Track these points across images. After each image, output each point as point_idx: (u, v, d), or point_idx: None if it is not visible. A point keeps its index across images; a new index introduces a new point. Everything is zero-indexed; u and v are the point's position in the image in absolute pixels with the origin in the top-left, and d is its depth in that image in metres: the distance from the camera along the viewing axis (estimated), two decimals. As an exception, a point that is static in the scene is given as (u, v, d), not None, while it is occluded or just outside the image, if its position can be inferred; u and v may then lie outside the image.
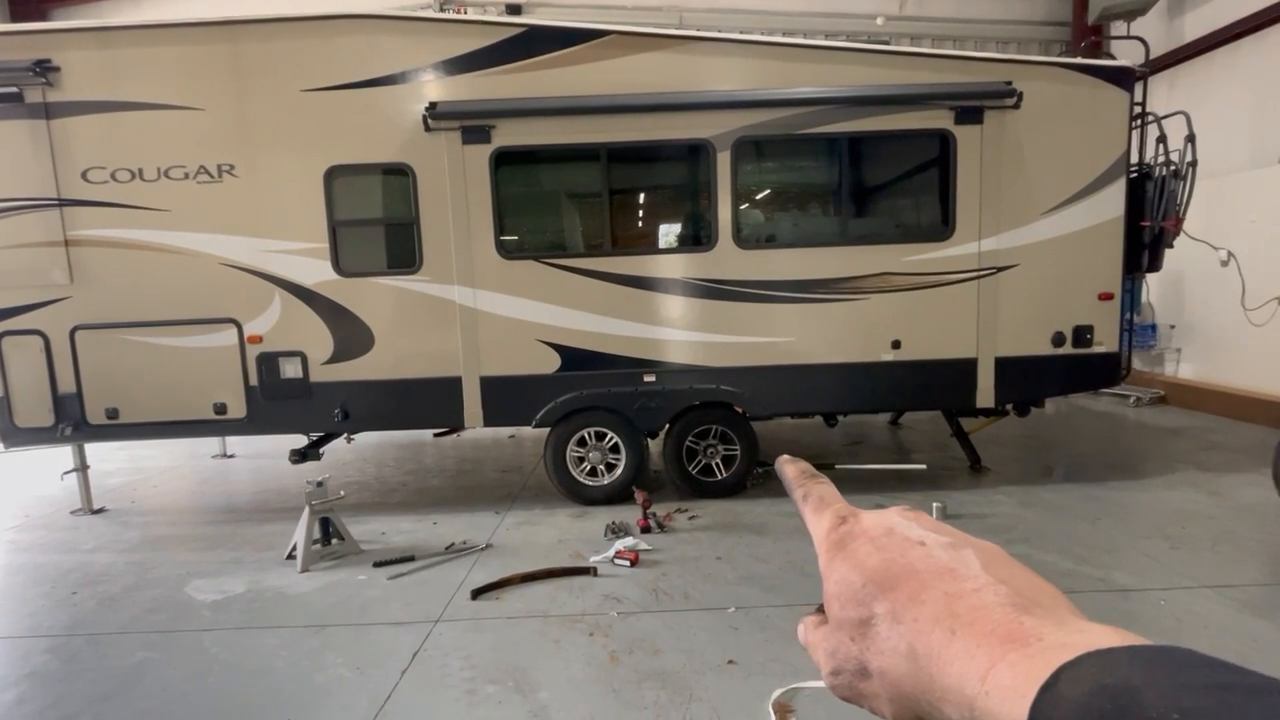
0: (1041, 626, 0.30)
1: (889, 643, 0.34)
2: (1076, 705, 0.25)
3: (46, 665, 3.05)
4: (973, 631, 0.31)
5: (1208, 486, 4.94)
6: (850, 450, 6.43)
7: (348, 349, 4.72)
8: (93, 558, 4.33)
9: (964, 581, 0.34)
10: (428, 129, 4.52)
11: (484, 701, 2.66)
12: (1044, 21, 9.98)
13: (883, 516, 0.40)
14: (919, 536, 0.38)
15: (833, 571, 0.39)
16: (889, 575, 0.36)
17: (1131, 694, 0.24)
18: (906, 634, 0.34)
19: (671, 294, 4.79)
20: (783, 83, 4.65)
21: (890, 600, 0.35)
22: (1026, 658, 0.29)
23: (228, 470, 6.55)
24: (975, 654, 0.30)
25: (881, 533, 0.39)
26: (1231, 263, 6.59)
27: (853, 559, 0.38)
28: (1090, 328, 4.85)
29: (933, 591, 0.34)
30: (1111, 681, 0.25)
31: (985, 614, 0.32)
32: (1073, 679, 0.26)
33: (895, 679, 0.34)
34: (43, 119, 4.45)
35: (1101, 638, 0.28)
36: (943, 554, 0.36)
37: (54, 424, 4.69)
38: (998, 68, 4.72)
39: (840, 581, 0.38)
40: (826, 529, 0.41)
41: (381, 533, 4.56)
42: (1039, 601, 0.33)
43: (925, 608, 0.34)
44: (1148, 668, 0.25)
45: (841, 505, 0.42)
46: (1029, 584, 0.34)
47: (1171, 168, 4.89)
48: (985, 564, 0.35)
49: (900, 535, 0.38)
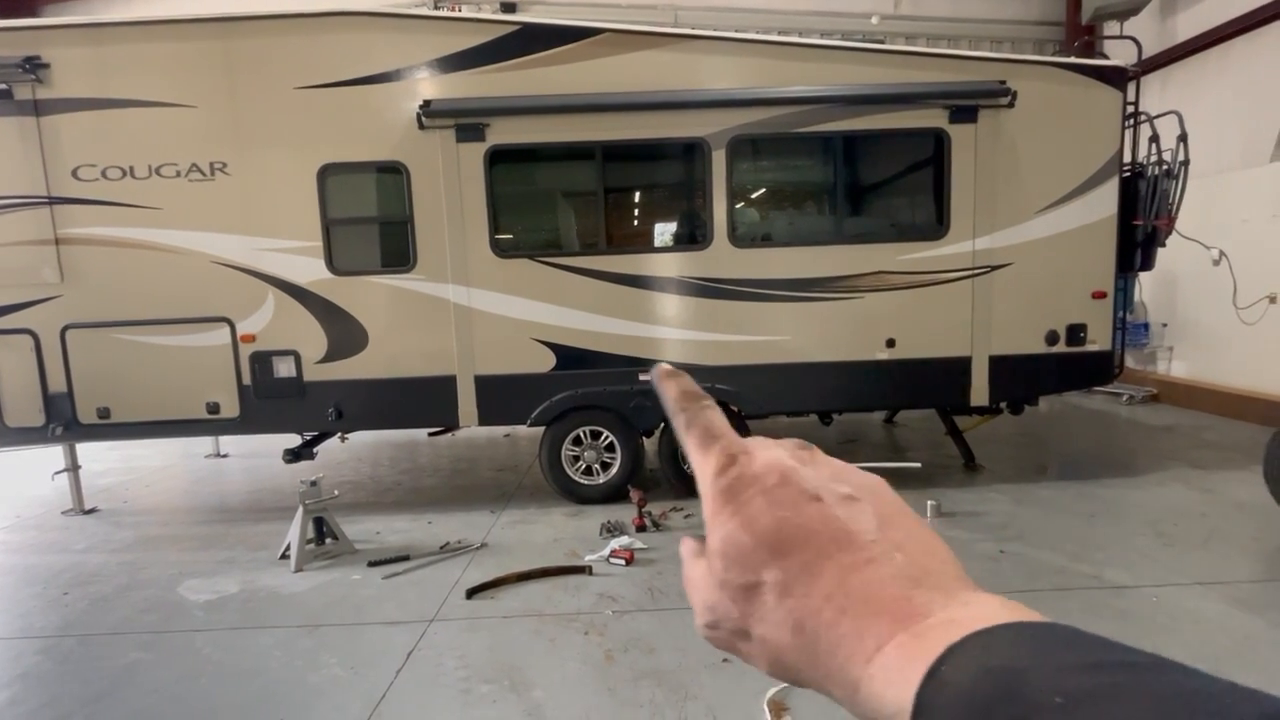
0: (931, 600, 0.30)
1: (775, 614, 0.33)
2: (961, 690, 0.25)
3: (38, 666, 3.03)
4: (863, 609, 0.30)
5: (1200, 484, 4.97)
6: (845, 448, 6.44)
7: (342, 348, 4.70)
8: (85, 558, 4.30)
9: (859, 551, 0.32)
10: (422, 127, 4.50)
11: (479, 701, 2.66)
12: (1038, 21, 10.02)
13: (776, 459, 0.36)
14: (814, 488, 0.35)
15: (719, 525, 0.35)
16: (781, 538, 0.33)
17: (1015, 676, 0.24)
18: (795, 609, 0.32)
19: (667, 293, 4.78)
20: (778, 81, 4.65)
21: (781, 569, 0.33)
22: (913, 638, 0.28)
23: (221, 470, 6.51)
24: (863, 634, 0.30)
25: (776, 481, 0.35)
26: (1223, 262, 6.63)
27: (743, 514, 0.35)
28: (1084, 326, 4.87)
29: (827, 564, 0.32)
30: (996, 664, 0.25)
31: (877, 589, 0.31)
32: (957, 663, 0.26)
33: (777, 647, 0.33)
34: (32, 116, 4.42)
35: (990, 612, 0.28)
36: (840, 511, 0.34)
37: (45, 424, 4.65)
38: (992, 67, 4.74)
39: (727, 539, 0.35)
40: (714, 470, 0.37)
41: (376, 532, 4.54)
42: (930, 569, 0.32)
43: (818, 581, 0.32)
44: (1032, 648, 0.25)
45: (730, 439, 0.38)
46: (922, 548, 0.33)
47: (1164, 167, 4.91)
48: (881, 523, 0.34)
49: (795, 487, 0.35)
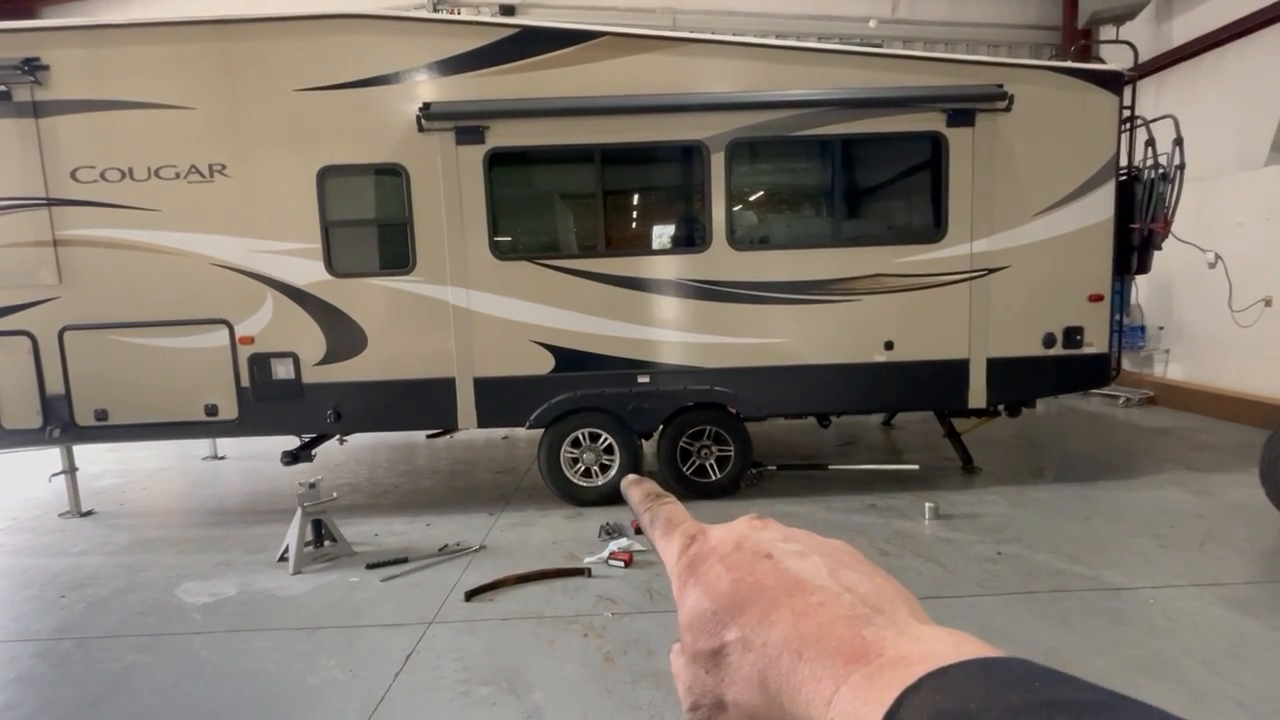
0: (881, 638, 0.30)
1: (741, 673, 0.33)
2: None
3: (35, 669, 3.02)
4: (817, 651, 0.31)
5: (1196, 486, 4.99)
6: (843, 451, 6.45)
7: (340, 350, 4.69)
8: (81, 560, 4.28)
9: (810, 595, 0.33)
10: (421, 129, 4.51)
11: (478, 703, 2.65)
12: (1034, 25, 10.07)
13: (731, 531, 0.39)
14: (766, 548, 0.36)
15: (685, 599, 0.37)
16: (738, 597, 0.35)
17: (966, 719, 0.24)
18: (757, 662, 0.33)
19: (665, 295, 4.79)
20: (776, 85, 4.67)
21: (740, 625, 0.34)
22: (867, 679, 0.28)
23: (218, 472, 6.50)
24: (820, 677, 0.30)
25: (730, 549, 0.37)
26: (1219, 265, 6.66)
27: (703, 582, 0.36)
28: (1080, 329, 4.89)
29: (781, 611, 0.33)
30: (950, 707, 0.25)
31: (829, 630, 0.31)
32: (913, 707, 0.26)
33: (750, 710, 0.33)
34: (31, 118, 4.41)
35: (938, 647, 0.28)
36: (791, 564, 0.35)
37: (42, 425, 4.64)
38: (989, 71, 4.76)
39: (691, 610, 0.36)
40: (677, 552, 0.39)
41: (374, 534, 4.54)
42: (880, 608, 0.32)
43: (774, 629, 0.33)
44: (983, 689, 0.25)
45: (689, 524, 0.41)
46: (872, 588, 0.34)
47: (1160, 171, 4.94)
48: (832, 570, 0.35)
49: (749, 550, 0.37)
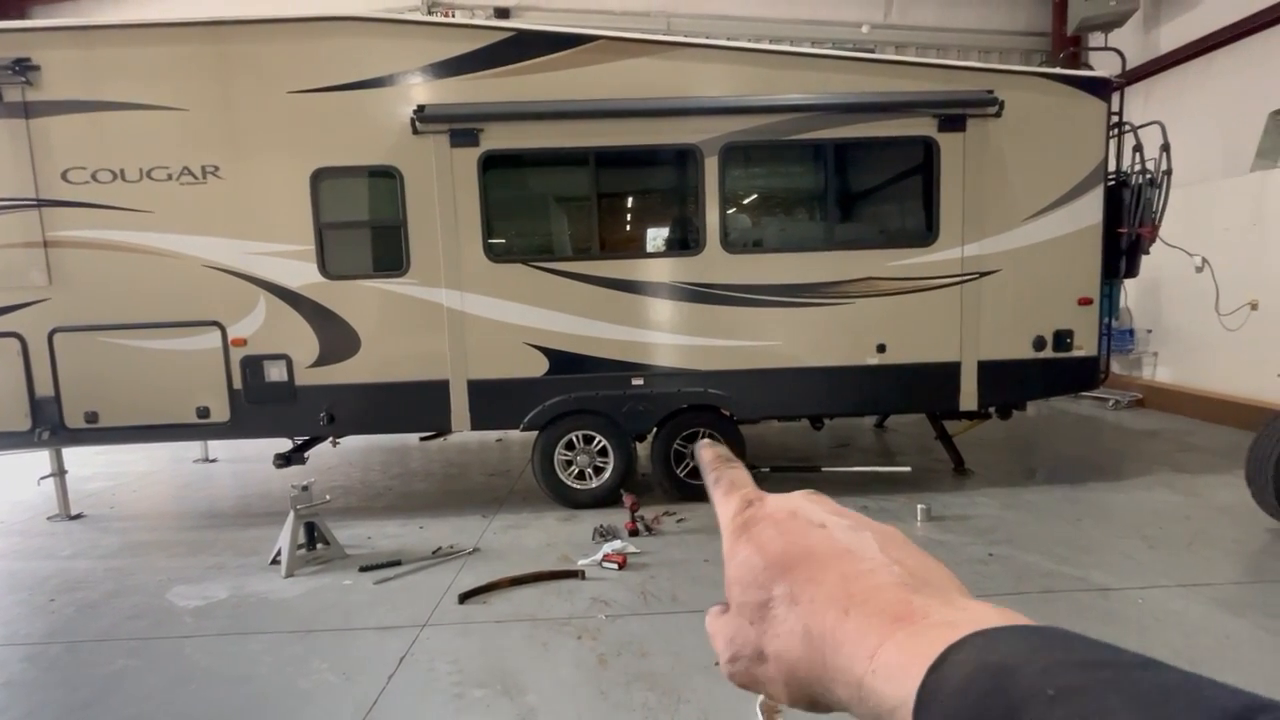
0: (929, 605, 0.31)
1: (785, 624, 0.35)
2: (960, 684, 0.26)
3: (24, 674, 3.00)
4: (864, 611, 0.32)
5: (1184, 487, 5.05)
6: (836, 453, 6.48)
7: (334, 352, 4.68)
8: (71, 564, 4.25)
9: (860, 562, 0.35)
10: (416, 132, 4.51)
11: (472, 705, 2.65)
12: (1024, 32, 10.17)
13: (788, 500, 0.40)
14: (821, 519, 0.38)
15: (735, 555, 0.38)
16: (789, 557, 0.36)
17: (1010, 672, 0.25)
18: (803, 615, 0.34)
19: (659, 298, 4.81)
20: (770, 89, 4.70)
21: (788, 582, 0.35)
22: (912, 636, 0.30)
23: (210, 475, 6.46)
24: (866, 633, 0.31)
25: (785, 516, 0.39)
26: (1206, 269, 6.74)
27: (755, 542, 0.38)
28: (1070, 332, 4.94)
29: (829, 573, 0.34)
30: (993, 660, 0.26)
31: (877, 594, 0.32)
32: (956, 660, 0.27)
33: (790, 662, 0.34)
34: (21, 118, 4.38)
35: (985, 616, 0.30)
36: (843, 536, 0.37)
37: (31, 428, 4.60)
38: (980, 77, 4.81)
39: (742, 564, 0.38)
40: (733, 512, 0.41)
41: (367, 537, 4.52)
42: (930, 581, 0.34)
43: (821, 588, 0.34)
44: (1027, 647, 0.26)
45: (750, 489, 0.42)
46: (922, 565, 0.35)
47: (1147, 176, 5.00)
48: (883, 545, 0.36)
49: (803, 519, 0.38)
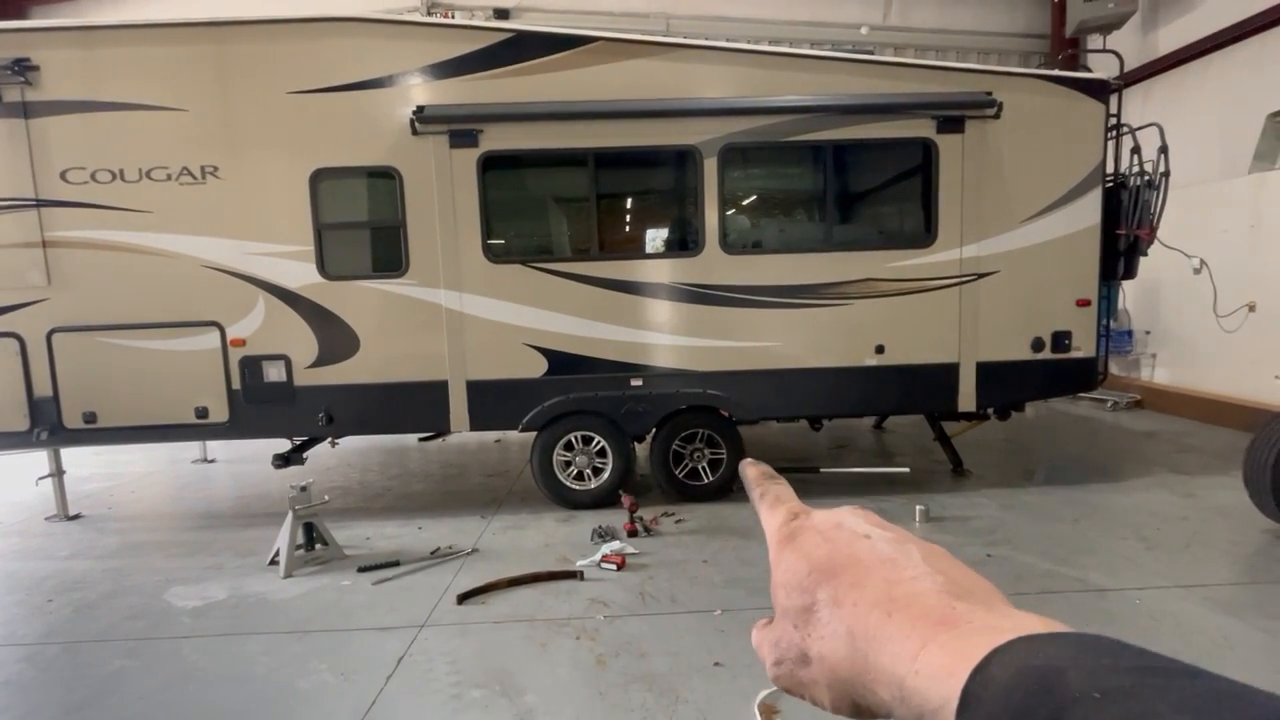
0: (972, 611, 0.32)
1: (829, 627, 0.36)
2: (1005, 685, 0.27)
3: (21, 674, 2.99)
4: (908, 614, 0.33)
5: (1181, 489, 5.06)
6: (835, 454, 6.48)
7: (332, 352, 4.68)
8: (69, 564, 4.24)
9: (903, 570, 0.36)
10: (415, 132, 4.51)
11: (470, 706, 2.65)
12: (1023, 34, 10.19)
13: (833, 513, 0.42)
14: (865, 531, 0.39)
15: (781, 562, 0.40)
16: (833, 563, 0.37)
17: (1057, 674, 0.25)
18: (846, 618, 0.35)
19: (658, 299, 4.81)
20: (769, 90, 4.70)
21: (833, 586, 0.36)
22: (956, 638, 0.30)
23: (208, 475, 6.45)
24: (909, 635, 0.32)
25: (830, 527, 0.40)
26: (1204, 271, 6.76)
27: (800, 550, 0.39)
28: (1068, 333, 4.95)
29: (873, 578, 0.36)
30: (1038, 663, 0.26)
31: (920, 599, 0.33)
32: (1002, 661, 0.27)
33: (834, 664, 0.35)
34: (21, 118, 4.38)
35: (1028, 624, 0.30)
36: (886, 547, 0.38)
37: (29, 428, 4.59)
38: (979, 78, 4.82)
39: (787, 570, 0.39)
40: (779, 524, 0.42)
41: (366, 538, 4.52)
42: (973, 591, 0.34)
43: (865, 592, 0.35)
44: (1074, 651, 0.27)
45: (795, 503, 0.44)
46: (965, 576, 0.36)
47: (1145, 178, 5.01)
48: (926, 557, 0.37)
49: (848, 529, 0.40)
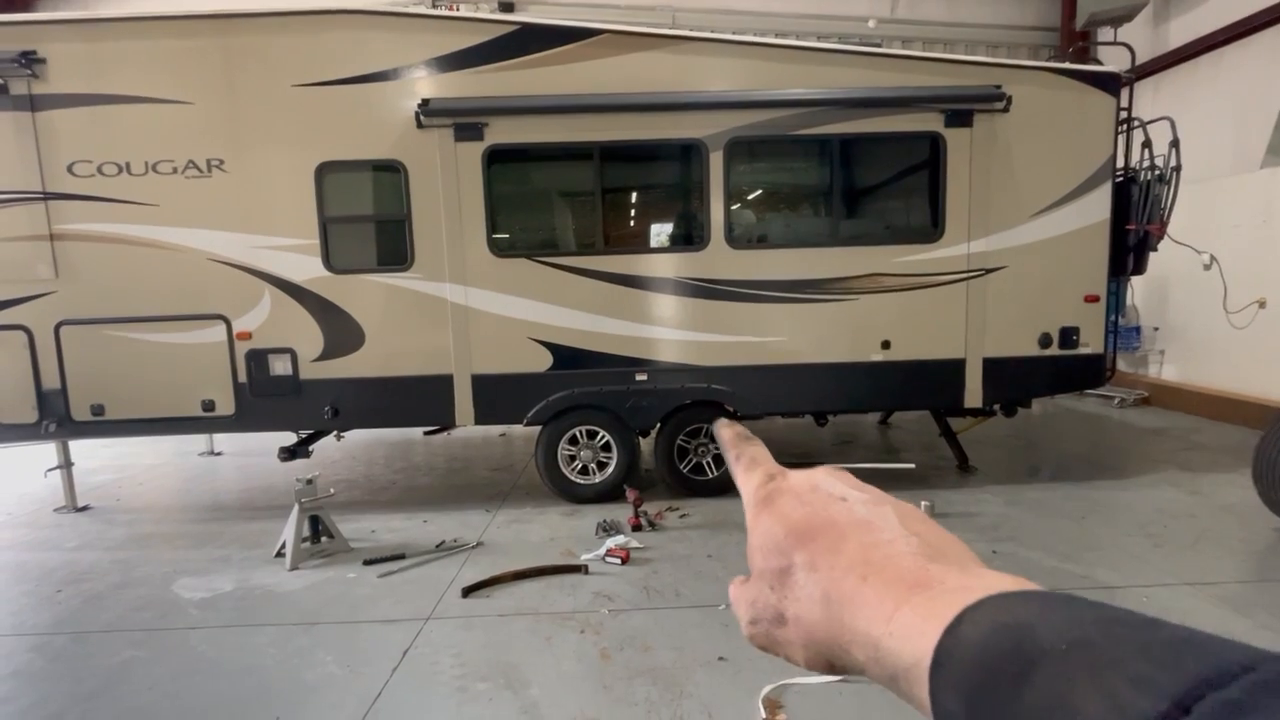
0: (945, 572, 0.32)
1: (805, 590, 0.36)
2: (977, 642, 0.27)
3: (30, 664, 3.02)
4: (882, 578, 0.33)
5: (1189, 486, 5.02)
6: (840, 449, 6.47)
7: (338, 346, 4.69)
8: (77, 555, 4.28)
9: (879, 533, 0.36)
10: (420, 126, 4.50)
11: (475, 699, 2.66)
12: (1033, 26, 10.09)
13: (809, 474, 0.42)
14: (842, 493, 0.40)
15: (758, 525, 0.40)
16: (810, 527, 0.37)
17: (1026, 630, 0.26)
18: (822, 581, 0.35)
19: (663, 293, 4.80)
20: (775, 84, 4.67)
21: (809, 550, 0.37)
22: (929, 600, 0.31)
23: (214, 468, 6.49)
24: (884, 598, 0.32)
25: (807, 489, 0.40)
26: (1214, 266, 6.70)
27: (777, 512, 0.39)
28: (1076, 329, 4.91)
29: (849, 542, 0.36)
30: (1008, 620, 0.27)
31: (895, 562, 0.34)
32: (974, 620, 0.28)
33: (809, 625, 0.36)
34: (28, 111, 4.39)
35: (1000, 583, 0.31)
36: (863, 509, 0.38)
37: (38, 420, 4.62)
38: (987, 71, 4.77)
39: (764, 534, 0.39)
40: (755, 485, 0.42)
41: (371, 531, 4.54)
42: (946, 553, 0.35)
43: (841, 557, 0.35)
44: (1041, 608, 0.27)
45: (771, 465, 0.44)
46: (939, 537, 0.37)
47: (1156, 172, 4.96)
48: (902, 519, 0.37)
49: (824, 491, 0.40)
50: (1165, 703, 0.21)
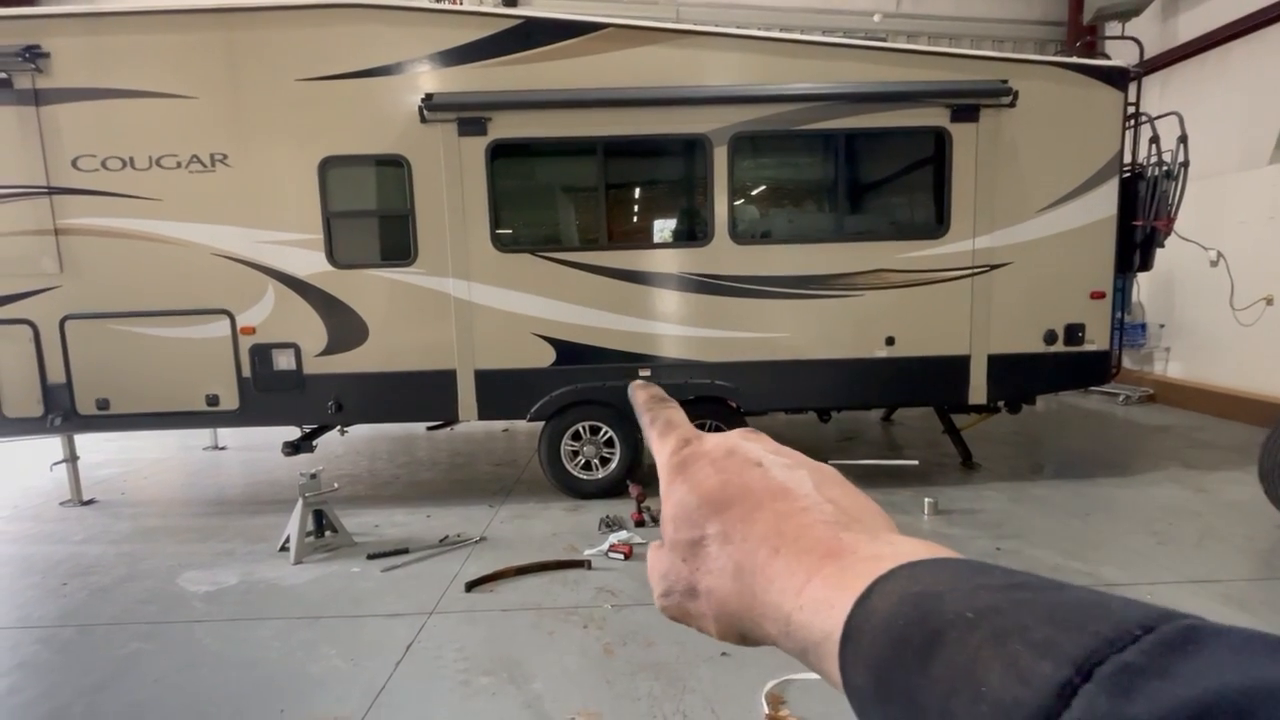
0: (857, 541, 0.32)
1: (717, 562, 0.35)
2: (886, 614, 0.27)
3: (37, 656, 3.04)
4: (795, 548, 0.32)
5: (1194, 483, 5.00)
6: (843, 446, 6.46)
7: (342, 341, 4.69)
8: (83, 549, 4.30)
9: (794, 500, 0.35)
10: (424, 120, 4.49)
11: (478, 693, 2.67)
12: (1039, 21, 10.02)
13: (725, 438, 0.40)
14: (758, 457, 0.38)
15: (671, 494, 0.39)
16: (724, 496, 0.36)
17: (934, 599, 0.26)
18: (735, 553, 0.34)
19: (667, 289, 4.79)
20: (780, 78, 4.65)
21: (722, 520, 0.35)
22: (840, 570, 0.30)
23: (219, 462, 6.51)
24: (795, 571, 0.31)
25: (722, 454, 0.39)
26: (1221, 263, 6.65)
27: (691, 480, 0.38)
28: (1082, 326, 4.89)
29: (764, 511, 0.35)
30: (917, 590, 0.27)
31: (808, 531, 0.33)
32: (883, 591, 0.28)
33: (721, 598, 0.35)
34: (32, 105, 4.39)
35: (911, 549, 0.30)
36: (779, 474, 0.37)
37: (43, 414, 4.64)
38: (994, 66, 4.74)
39: (677, 503, 0.38)
40: (670, 451, 0.41)
41: (375, 525, 4.55)
42: (860, 519, 0.34)
43: (755, 527, 0.34)
44: (949, 576, 0.27)
45: (687, 429, 0.42)
46: (854, 503, 0.35)
47: (1164, 168, 4.93)
48: (818, 484, 0.36)
49: (740, 456, 0.38)
50: (1067, 668, 0.21)
